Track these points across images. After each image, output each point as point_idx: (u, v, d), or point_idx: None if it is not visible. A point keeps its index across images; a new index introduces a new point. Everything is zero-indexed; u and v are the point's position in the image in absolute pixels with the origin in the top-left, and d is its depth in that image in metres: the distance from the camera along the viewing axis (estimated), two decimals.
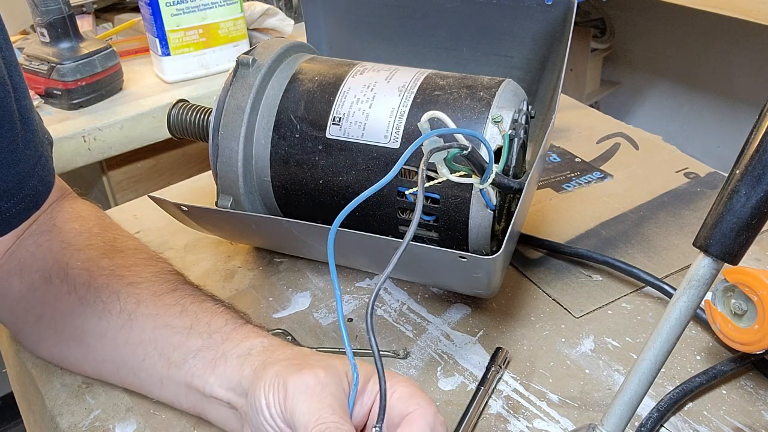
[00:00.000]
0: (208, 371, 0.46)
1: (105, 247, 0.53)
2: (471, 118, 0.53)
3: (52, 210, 0.55)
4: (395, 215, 0.55)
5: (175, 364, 0.47)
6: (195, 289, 0.52)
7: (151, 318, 0.49)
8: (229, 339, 0.47)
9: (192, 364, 0.46)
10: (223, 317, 0.49)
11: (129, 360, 0.49)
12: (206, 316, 0.49)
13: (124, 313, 0.49)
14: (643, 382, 0.38)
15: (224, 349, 0.46)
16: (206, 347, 0.47)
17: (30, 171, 0.52)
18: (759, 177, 0.34)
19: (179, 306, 0.49)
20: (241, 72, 0.57)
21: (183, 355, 0.47)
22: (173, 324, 0.48)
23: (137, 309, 0.49)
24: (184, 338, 0.47)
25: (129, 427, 0.50)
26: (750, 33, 1.63)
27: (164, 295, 0.50)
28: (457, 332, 0.57)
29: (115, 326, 0.49)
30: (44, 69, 0.97)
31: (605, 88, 2.01)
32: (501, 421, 0.49)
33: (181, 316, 0.49)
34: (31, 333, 0.54)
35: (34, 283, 0.52)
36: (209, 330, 0.47)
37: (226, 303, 0.51)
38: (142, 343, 0.48)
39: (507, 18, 0.64)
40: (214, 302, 0.50)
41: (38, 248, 0.52)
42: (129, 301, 0.50)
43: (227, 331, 0.47)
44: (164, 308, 0.49)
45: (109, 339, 0.50)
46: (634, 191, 0.73)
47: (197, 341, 0.47)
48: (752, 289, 0.46)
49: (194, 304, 0.49)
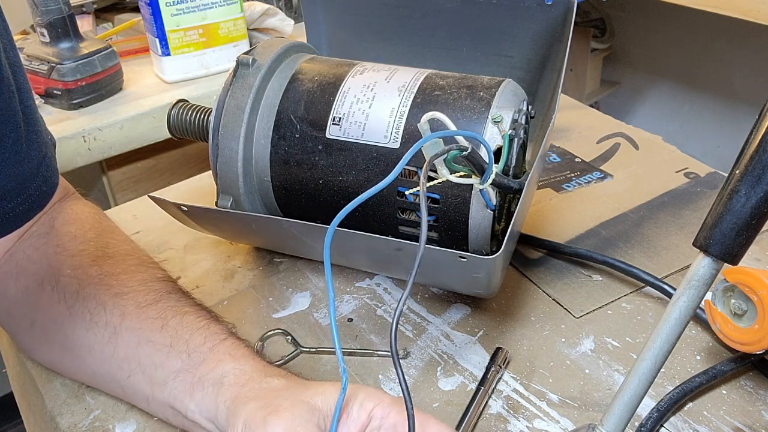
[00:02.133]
0: (188, 397, 0.45)
1: (96, 253, 0.53)
2: (471, 118, 0.53)
3: (53, 211, 0.55)
4: (395, 215, 0.55)
5: (158, 384, 0.47)
6: (180, 298, 0.51)
7: (134, 333, 0.49)
8: (206, 361, 0.46)
9: (173, 386, 0.46)
10: (202, 334, 0.48)
11: (116, 374, 0.49)
12: (186, 332, 0.48)
13: (109, 327, 0.49)
14: (643, 382, 0.38)
15: (201, 373, 0.45)
16: (185, 369, 0.46)
17: (34, 171, 0.52)
18: (759, 177, 0.34)
19: (160, 320, 0.49)
20: (241, 72, 0.57)
21: (164, 375, 0.47)
22: (155, 340, 0.48)
23: (122, 323, 0.49)
24: (164, 357, 0.47)
25: (129, 427, 0.50)
26: (750, 33, 1.63)
27: (148, 306, 0.50)
28: (457, 332, 0.57)
29: (102, 339, 0.49)
30: (44, 69, 0.97)
31: (605, 88, 2.01)
32: (501, 421, 0.49)
33: (162, 332, 0.48)
34: (26, 337, 0.54)
35: (29, 288, 0.52)
36: (188, 349, 0.47)
37: (210, 313, 0.51)
38: (127, 359, 0.48)
39: (507, 18, 0.64)
40: (196, 315, 0.50)
41: (35, 251, 0.52)
42: (114, 313, 0.49)
43: (204, 352, 0.46)
44: (147, 322, 0.49)
45: (96, 352, 0.49)
46: (634, 191, 0.73)
47: (177, 362, 0.46)
48: (752, 289, 0.46)
49: (175, 318, 0.49)
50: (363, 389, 0.41)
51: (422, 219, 0.35)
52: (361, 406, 0.40)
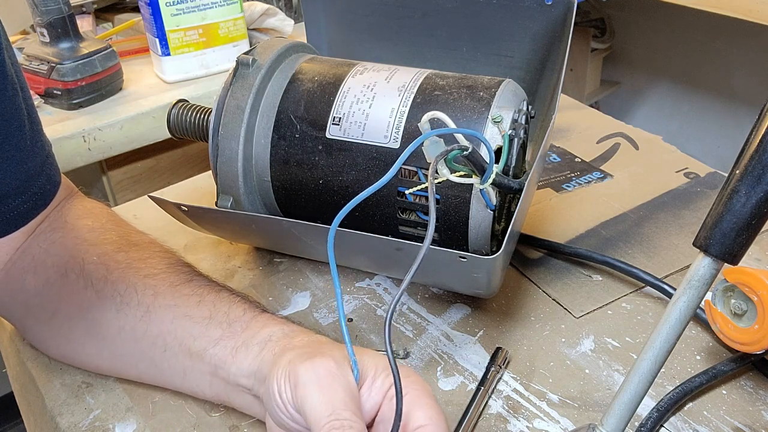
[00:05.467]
0: (230, 359, 0.46)
1: (120, 241, 0.54)
2: (471, 118, 0.53)
3: (62, 208, 0.55)
4: (395, 215, 0.55)
5: (196, 354, 0.47)
6: (210, 280, 0.53)
7: (169, 309, 0.49)
8: (249, 327, 0.47)
9: (213, 353, 0.47)
10: (241, 306, 0.49)
11: (149, 352, 0.49)
12: (224, 305, 0.49)
13: (142, 306, 0.50)
14: (643, 382, 0.38)
15: (245, 337, 0.46)
16: (227, 336, 0.47)
17: (38, 169, 0.52)
18: (759, 177, 0.34)
19: (196, 296, 0.50)
20: (241, 72, 0.57)
21: (204, 344, 0.47)
22: (192, 314, 0.49)
23: (155, 301, 0.50)
24: (203, 328, 0.48)
25: (129, 427, 0.50)
26: (750, 33, 1.63)
27: (181, 285, 0.50)
28: (457, 332, 0.57)
29: (134, 318, 0.50)
30: (44, 69, 0.97)
31: (605, 88, 2.01)
32: (501, 421, 0.49)
33: (200, 306, 0.49)
34: (43, 330, 0.54)
35: (50, 279, 0.52)
36: (228, 319, 0.48)
37: (242, 294, 0.52)
38: (162, 335, 0.49)
39: (507, 18, 0.64)
40: (230, 292, 0.51)
41: (51, 245, 0.53)
42: (146, 293, 0.50)
43: (246, 320, 0.48)
44: (182, 299, 0.50)
45: (128, 332, 0.50)
46: (634, 191, 0.73)
47: (217, 331, 0.47)
48: (752, 289, 0.46)
49: (211, 294, 0.50)
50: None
51: (430, 215, 0.35)
52: (388, 376, 0.42)
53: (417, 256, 0.36)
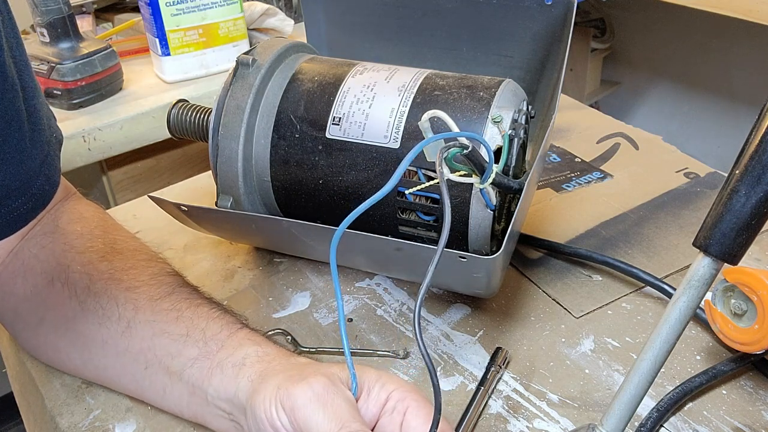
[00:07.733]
0: (206, 381, 0.46)
1: (105, 249, 0.53)
2: (471, 118, 0.53)
3: (56, 211, 0.55)
4: (395, 215, 0.55)
5: (175, 373, 0.47)
6: (192, 291, 0.52)
7: (149, 325, 0.49)
8: (224, 347, 0.47)
9: (190, 374, 0.46)
10: (218, 323, 0.48)
11: (131, 368, 0.49)
12: (202, 321, 0.48)
13: (122, 320, 0.49)
14: (642, 382, 0.38)
15: (220, 357, 0.46)
16: (203, 356, 0.46)
17: (37, 170, 0.52)
18: (759, 177, 0.34)
19: (175, 311, 0.49)
20: (241, 72, 0.57)
21: (181, 364, 0.47)
22: (170, 331, 0.48)
23: (135, 315, 0.49)
24: (181, 346, 0.47)
25: (129, 427, 0.50)
26: (750, 33, 1.63)
27: (161, 299, 0.50)
28: (457, 332, 0.57)
29: (116, 333, 0.49)
30: (44, 69, 0.97)
31: (605, 88, 2.01)
32: (501, 421, 0.49)
33: (177, 323, 0.48)
34: (31, 336, 0.54)
35: (38, 286, 0.52)
36: (204, 337, 0.47)
37: (222, 306, 0.51)
38: (143, 351, 0.48)
39: (507, 18, 0.64)
40: (209, 306, 0.50)
41: (41, 250, 0.52)
42: (127, 307, 0.50)
43: (222, 339, 0.47)
44: (161, 314, 0.49)
45: (110, 346, 0.50)
46: (634, 191, 0.73)
47: (193, 350, 0.47)
48: (752, 289, 0.46)
49: (190, 309, 0.49)
50: (385, 373, 0.44)
51: (445, 212, 0.35)
52: (383, 387, 0.42)
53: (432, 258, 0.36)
